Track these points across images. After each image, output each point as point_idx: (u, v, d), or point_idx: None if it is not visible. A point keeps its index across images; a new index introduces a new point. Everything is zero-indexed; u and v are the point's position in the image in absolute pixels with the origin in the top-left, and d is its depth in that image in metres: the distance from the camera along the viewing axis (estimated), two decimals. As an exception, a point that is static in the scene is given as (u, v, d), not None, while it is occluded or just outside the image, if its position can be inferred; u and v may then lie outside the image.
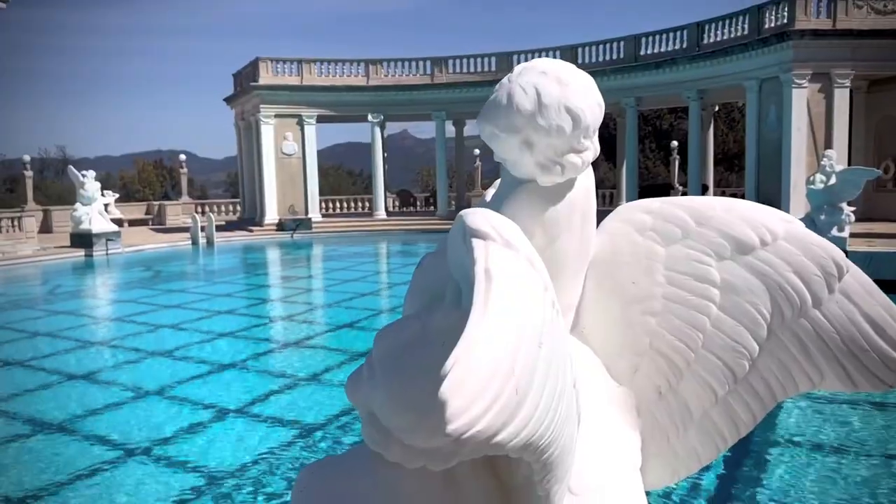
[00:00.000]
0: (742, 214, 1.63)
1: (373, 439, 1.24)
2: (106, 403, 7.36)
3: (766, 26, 23.15)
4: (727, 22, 25.32)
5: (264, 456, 5.89)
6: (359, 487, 1.30)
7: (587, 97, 1.49)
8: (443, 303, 1.42)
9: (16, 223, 26.54)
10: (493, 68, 31.71)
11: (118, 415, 7.02)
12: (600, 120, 1.53)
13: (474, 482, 1.32)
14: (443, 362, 1.20)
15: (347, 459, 1.37)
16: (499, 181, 1.71)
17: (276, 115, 30.91)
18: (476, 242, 1.17)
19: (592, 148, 1.52)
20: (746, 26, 24.25)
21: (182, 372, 8.57)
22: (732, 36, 24.91)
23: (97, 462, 5.79)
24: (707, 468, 5.00)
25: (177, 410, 7.12)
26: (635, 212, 1.69)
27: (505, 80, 1.50)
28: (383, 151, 33.36)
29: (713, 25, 26.00)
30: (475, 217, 1.23)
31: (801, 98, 21.56)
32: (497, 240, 1.18)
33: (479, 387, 0.98)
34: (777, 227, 1.60)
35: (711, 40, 25.93)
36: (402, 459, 1.23)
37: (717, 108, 32.15)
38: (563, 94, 1.45)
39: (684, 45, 27.07)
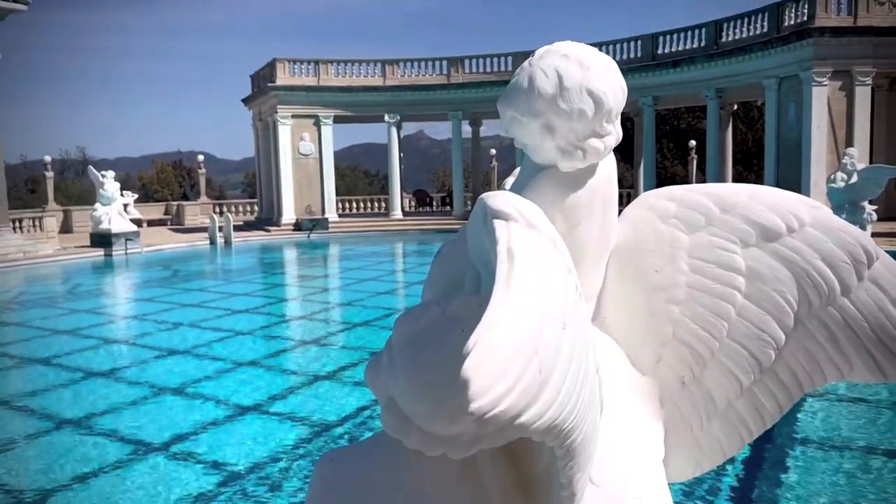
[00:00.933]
0: (768, 201, 1.60)
1: (392, 426, 1.22)
2: (125, 400, 7.42)
3: (786, 24, 22.93)
4: (746, 20, 25.10)
5: (282, 453, 5.90)
6: (378, 476, 1.29)
7: (610, 80, 1.47)
8: (462, 290, 1.41)
9: (37, 223, 26.90)
10: (510, 68, 31.63)
11: (137, 411, 7.07)
12: (623, 104, 1.51)
13: (494, 472, 1.30)
14: (462, 347, 1.18)
15: (366, 447, 1.35)
16: (518, 170, 1.69)
17: (293, 116, 31.07)
18: (498, 223, 1.15)
19: (615, 133, 1.50)
20: (766, 24, 24.04)
21: (200, 369, 8.62)
22: (751, 34, 24.70)
23: (117, 458, 5.83)
24: (730, 461, 4.95)
25: (195, 407, 7.16)
26: (658, 199, 1.66)
27: (526, 63, 1.48)
28: (399, 151, 33.41)
29: (732, 24, 25.78)
30: (496, 199, 1.21)
31: (822, 96, 21.33)
32: (519, 220, 1.17)
33: (501, 366, 0.97)
34: (804, 214, 1.57)
35: (730, 38, 25.72)
36: (422, 447, 1.21)
37: (735, 107, 31.87)
38: (585, 77, 1.43)
39: (702, 44, 26.86)
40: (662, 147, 44.02)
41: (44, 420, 6.89)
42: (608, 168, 1.58)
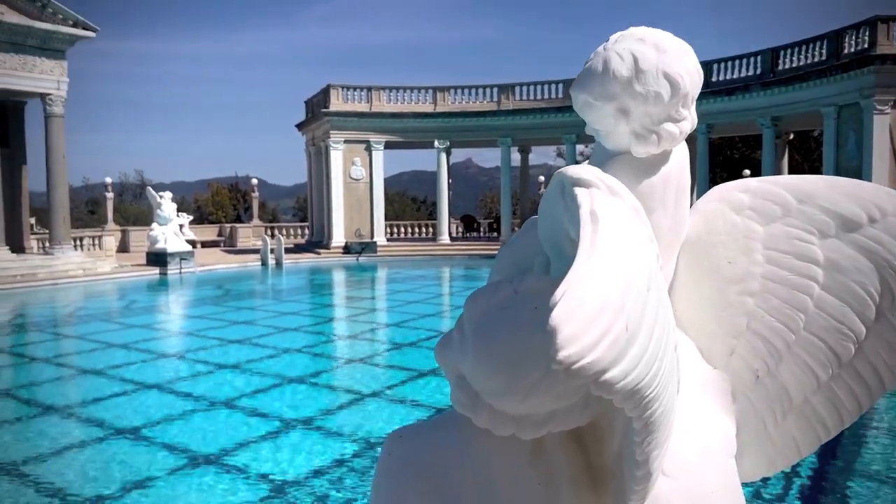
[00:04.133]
0: (847, 191, 1.54)
1: (461, 403, 1.20)
2: (176, 412, 7.53)
3: (846, 51, 22.45)
4: (804, 48, 24.65)
5: (328, 468, 5.90)
6: (446, 454, 1.26)
7: (686, 63, 1.44)
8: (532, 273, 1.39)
9: (96, 242, 27.79)
10: (561, 95, 31.63)
11: (188, 423, 7.16)
12: (699, 88, 1.47)
13: (563, 456, 1.27)
14: (535, 326, 1.15)
15: (435, 425, 1.34)
16: (586, 162, 1.66)
17: (345, 141, 31.58)
18: (579, 190, 1.13)
19: (690, 118, 1.47)
20: (824, 52, 23.56)
21: (249, 384, 8.72)
22: (809, 62, 24.23)
23: (167, 467, 5.91)
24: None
25: (244, 421, 7.23)
26: (731, 191, 1.62)
27: (600, 48, 1.46)
28: (448, 177, 33.62)
29: (789, 51, 25.35)
30: (577, 168, 1.19)
31: (883, 125, 20.75)
32: (601, 187, 1.14)
33: (589, 317, 0.94)
34: (886, 203, 1.50)
35: (786, 66, 25.27)
36: (491, 425, 1.18)
37: (791, 136, 31.22)
38: (662, 60, 1.41)
39: (758, 72, 26.44)
40: (716, 177, 43.24)
41: (98, 428, 7.04)
42: (681, 156, 1.54)
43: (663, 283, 1.19)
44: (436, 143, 32.28)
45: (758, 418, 1.54)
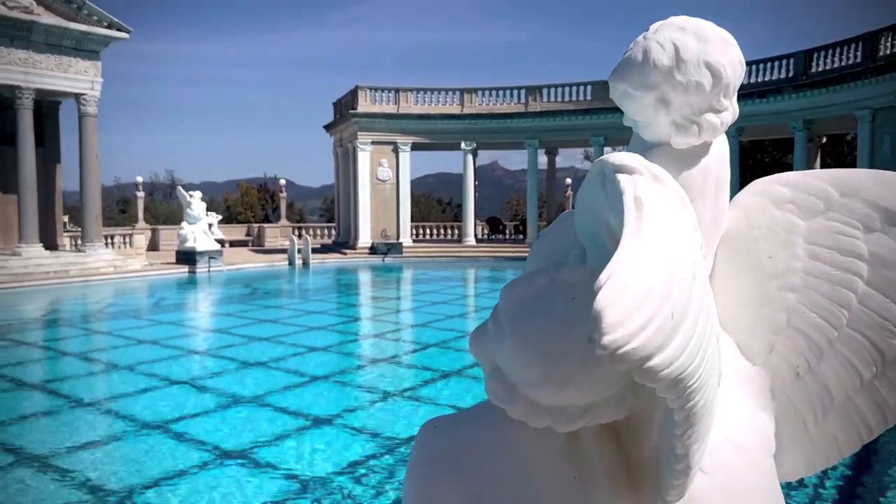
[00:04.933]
0: (893, 183, 1.50)
1: (497, 394, 1.19)
2: (203, 408, 7.61)
3: (882, 53, 22.04)
4: (837, 50, 24.26)
5: (354, 465, 5.91)
6: (481, 445, 1.25)
7: (728, 53, 1.41)
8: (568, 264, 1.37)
9: (127, 240, 28.24)
10: (589, 97, 31.48)
11: (215, 419, 7.23)
12: (741, 78, 1.44)
13: (599, 450, 1.25)
14: (572, 316, 1.14)
15: (470, 416, 1.32)
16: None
17: (373, 142, 31.74)
18: (622, 177, 1.11)
19: (731, 109, 1.43)
20: (859, 54, 23.16)
21: (276, 382, 8.78)
22: (843, 64, 23.82)
23: (195, 462, 5.97)
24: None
25: (270, 417, 7.28)
26: (771, 184, 1.58)
27: (640, 37, 1.44)
28: (475, 179, 33.61)
29: (822, 53, 24.95)
30: (618, 155, 1.17)
31: (921, 128, 20.34)
32: (645, 174, 1.12)
33: (635, 303, 0.92)
34: None
35: (820, 68, 24.87)
36: (527, 417, 1.17)
37: (823, 140, 30.71)
38: (704, 50, 1.38)
39: (790, 74, 26.06)
40: (745, 181, 42.53)
41: (127, 422, 7.14)
42: (721, 148, 1.51)
43: (707, 272, 1.17)
44: (462, 144, 32.29)
45: (797, 417, 1.50)
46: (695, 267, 1.04)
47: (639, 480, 1.27)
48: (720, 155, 1.50)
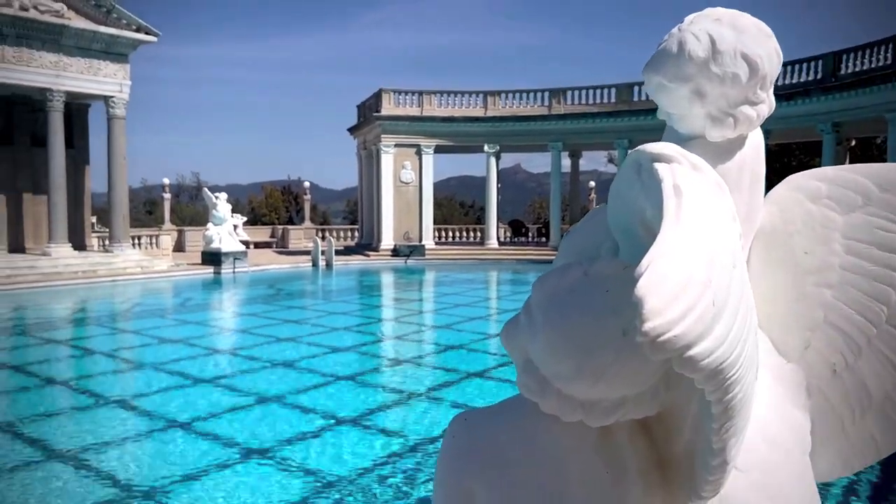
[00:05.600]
0: None
1: (529, 388, 1.18)
2: (228, 406, 7.66)
3: (913, 55, 21.64)
4: (868, 51, 23.86)
5: (376, 465, 5.92)
6: (512, 438, 1.24)
7: (765, 44, 1.39)
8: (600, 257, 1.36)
9: (153, 241, 28.60)
10: (613, 99, 31.30)
11: (239, 417, 7.27)
12: (778, 70, 1.42)
13: (631, 446, 1.23)
14: (606, 309, 1.12)
15: (501, 409, 1.31)
16: None
17: (396, 145, 31.82)
18: (660, 166, 1.09)
19: (768, 102, 1.41)
20: (889, 55, 22.76)
21: (299, 381, 8.83)
22: (873, 66, 23.42)
23: (218, 460, 6.01)
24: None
25: (294, 417, 7.31)
26: (808, 179, 1.55)
27: (675, 29, 1.42)
28: (497, 182, 33.55)
29: (852, 55, 24.55)
30: (655, 145, 1.15)
31: (953, 131, 19.92)
32: (683, 163, 1.11)
33: (675, 290, 0.91)
34: None
35: (849, 70, 24.48)
36: (559, 411, 1.16)
37: (853, 143, 30.21)
38: (740, 41, 1.36)
39: (818, 76, 25.68)
40: (771, 185, 42.07)
41: (153, 420, 7.21)
42: (757, 141, 1.49)
43: (745, 262, 1.15)
44: (485, 147, 32.25)
45: (834, 415, 1.47)
46: (735, 256, 1.02)
47: (671, 477, 1.25)
48: (756, 148, 1.48)
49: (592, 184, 41.19)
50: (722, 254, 0.99)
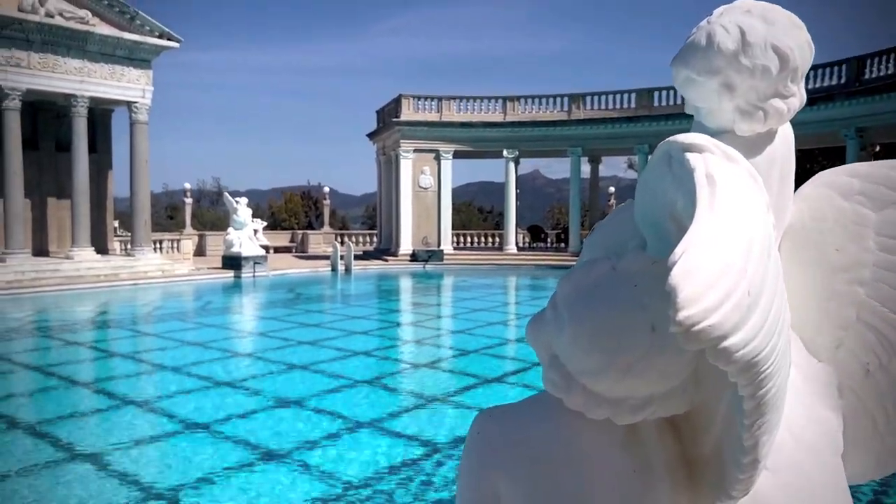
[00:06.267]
0: None
1: (554, 384, 1.16)
2: (247, 409, 7.70)
3: (940, 59, 21.33)
4: (892, 55, 23.55)
5: (395, 469, 5.91)
6: (537, 435, 1.22)
7: (797, 36, 1.36)
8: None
9: (175, 245, 28.89)
10: (633, 105, 31.15)
11: (259, 420, 7.30)
12: (810, 63, 1.39)
13: (659, 445, 1.20)
14: (634, 303, 1.10)
15: (527, 405, 1.29)
16: None
17: (415, 150, 31.88)
18: (691, 156, 1.07)
19: (799, 95, 1.38)
20: (915, 59, 22.46)
21: (318, 384, 8.85)
22: (899, 70, 23.12)
23: (237, 462, 6.04)
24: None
25: (313, 420, 7.33)
26: (839, 175, 1.51)
27: (703, 22, 1.39)
28: (516, 187, 33.49)
29: (876, 59, 24.25)
30: (687, 135, 1.13)
31: (981, 136, 19.59)
32: (716, 152, 1.08)
33: (711, 278, 0.88)
34: None
35: (874, 75, 24.18)
36: (585, 407, 1.13)
37: (877, 149, 29.80)
38: (771, 32, 1.33)
39: (842, 81, 25.39)
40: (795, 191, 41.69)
41: (174, 422, 7.25)
42: (787, 136, 1.46)
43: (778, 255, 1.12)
44: (505, 152, 32.22)
45: (867, 416, 1.43)
46: (770, 246, 1.00)
47: (698, 478, 1.23)
48: (786, 143, 1.45)
49: (612, 189, 41.03)
50: (758, 243, 0.96)
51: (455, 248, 33.05)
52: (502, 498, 1.24)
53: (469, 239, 36.61)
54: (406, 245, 31.65)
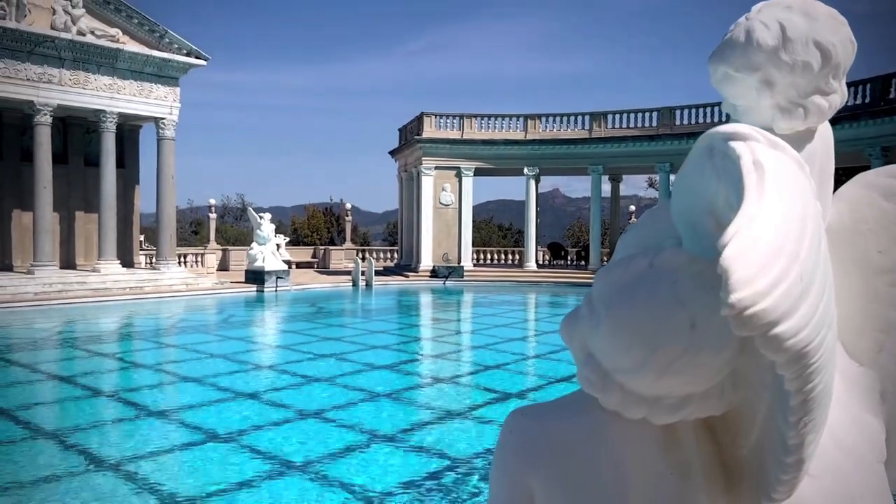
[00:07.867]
0: None
1: (590, 382, 1.14)
2: (269, 421, 7.71)
3: (968, 78, 21.05)
4: (919, 74, 23.29)
5: (415, 482, 5.88)
6: (572, 435, 1.20)
7: (839, 31, 1.34)
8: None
9: (199, 259, 29.16)
10: (654, 123, 31.04)
11: (280, 432, 7.31)
12: (852, 59, 1.37)
13: (696, 446, 1.18)
14: (673, 300, 1.09)
15: (560, 405, 1.27)
16: None
17: (437, 167, 31.99)
18: (736, 144, 1.04)
19: (840, 92, 1.36)
20: (943, 78, 22.19)
21: (339, 397, 8.86)
22: (926, 89, 22.83)
23: (258, 473, 6.05)
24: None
25: (333, 432, 7.32)
26: (880, 177, 1.48)
27: (742, 18, 1.39)
28: (536, 205, 33.44)
29: (902, 78, 23.98)
30: (729, 125, 1.12)
31: None
32: (761, 140, 1.06)
33: (764, 260, 0.86)
34: None
35: (900, 94, 23.90)
36: (621, 406, 1.12)
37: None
38: (812, 28, 1.32)
39: (867, 100, 25.13)
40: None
41: (196, 433, 7.28)
42: (827, 134, 1.44)
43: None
44: (525, 170, 32.21)
45: None
46: (821, 233, 0.99)
47: (736, 481, 1.20)
48: (826, 142, 1.44)
49: (633, 208, 40.82)
50: (810, 228, 0.94)
51: (475, 265, 33.02)
52: (536, 497, 1.22)
53: (489, 256, 36.56)
54: (426, 261, 31.68)
